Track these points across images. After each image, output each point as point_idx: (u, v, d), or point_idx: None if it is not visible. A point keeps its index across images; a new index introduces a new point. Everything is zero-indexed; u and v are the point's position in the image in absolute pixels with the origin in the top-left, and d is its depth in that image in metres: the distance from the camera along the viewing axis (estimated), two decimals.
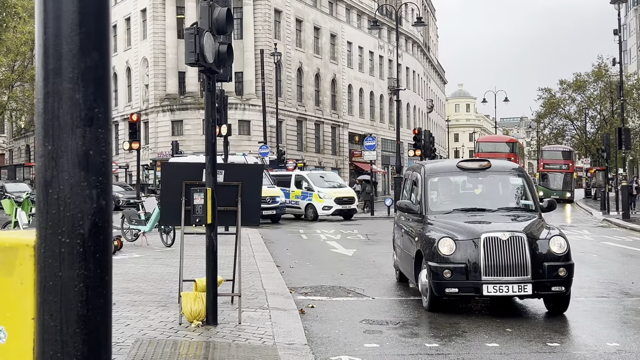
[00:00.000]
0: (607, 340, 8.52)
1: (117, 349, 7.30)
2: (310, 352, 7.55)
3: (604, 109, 67.62)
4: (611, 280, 13.48)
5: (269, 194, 28.18)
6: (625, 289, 12.43)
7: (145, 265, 14.59)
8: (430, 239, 9.92)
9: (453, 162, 12.17)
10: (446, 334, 8.69)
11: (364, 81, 74.99)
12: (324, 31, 67.12)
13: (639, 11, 65.46)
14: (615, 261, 16.89)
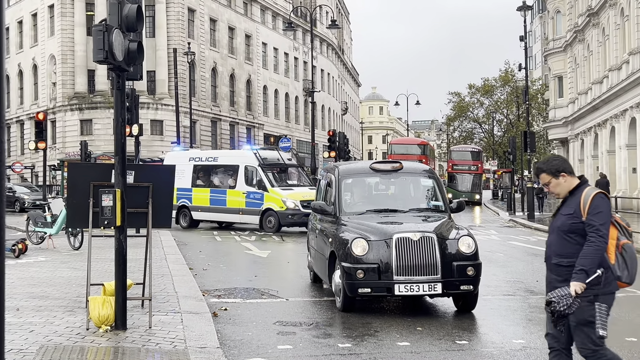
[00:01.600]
0: (513, 338, 8.75)
1: (20, 356, 7.07)
2: (222, 355, 7.48)
3: (510, 113, 69.81)
4: (517, 279, 13.85)
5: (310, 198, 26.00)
6: (530, 287, 12.80)
7: (52, 268, 14.16)
8: (344, 240, 9.98)
9: (366, 164, 12.29)
10: (359, 334, 8.75)
11: (279, 82, 75.05)
12: (239, 31, 66.86)
13: (543, 19, 67.74)
14: (520, 260, 17.38)
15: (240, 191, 25.77)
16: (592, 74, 48.69)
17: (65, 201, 10.64)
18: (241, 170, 26.03)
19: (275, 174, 26.28)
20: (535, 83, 69.68)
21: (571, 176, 5.41)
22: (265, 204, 24.95)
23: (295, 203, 24.21)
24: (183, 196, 26.95)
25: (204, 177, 27.61)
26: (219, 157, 28.86)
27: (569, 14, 56.24)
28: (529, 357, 7.74)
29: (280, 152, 28.64)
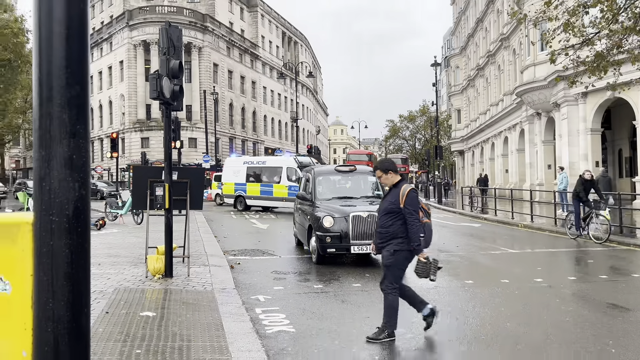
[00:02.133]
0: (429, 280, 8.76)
1: (101, 295, 6.96)
2: (237, 293, 7.43)
3: (426, 134, 70.08)
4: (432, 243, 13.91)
5: None
6: (440, 248, 12.84)
7: (122, 237, 13.97)
8: (318, 217, 9.97)
9: (332, 167, 12.27)
10: (327, 279, 8.74)
11: (274, 113, 74.73)
12: (247, 79, 66.44)
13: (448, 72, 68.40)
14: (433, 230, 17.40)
15: (284, 185, 23.82)
16: (479, 107, 49.13)
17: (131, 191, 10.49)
18: (284, 170, 24.06)
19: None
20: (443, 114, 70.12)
21: (395, 174, 5.54)
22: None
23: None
24: (239, 189, 25.77)
25: (255, 175, 25.61)
26: (267, 161, 26.89)
27: (464, 69, 56.72)
28: (438, 293, 7.77)
29: (312, 158, 26.61)
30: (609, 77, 15.67)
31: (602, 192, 19.87)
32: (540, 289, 7.99)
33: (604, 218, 13.33)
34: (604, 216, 13.34)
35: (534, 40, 25.14)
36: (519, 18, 17.01)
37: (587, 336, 5.64)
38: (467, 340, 5.47)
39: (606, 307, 6.82)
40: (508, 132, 38.81)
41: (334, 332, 5.76)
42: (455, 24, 62.95)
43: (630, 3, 13.77)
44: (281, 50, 79.72)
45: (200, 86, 55.24)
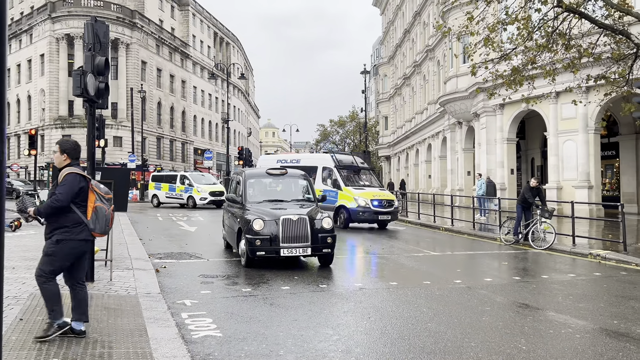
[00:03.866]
0: (355, 282, 8.93)
1: (15, 301, 6.53)
2: (162, 298, 7.20)
3: (355, 139, 71.30)
4: (359, 244, 14.15)
5: (385, 197, 18.61)
6: (367, 249, 13.07)
7: (40, 239, 13.05)
8: (248, 220, 9.86)
9: (263, 170, 12.18)
10: (256, 282, 8.66)
11: (205, 113, 73.29)
12: (177, 78, 64.75)
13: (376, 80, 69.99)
14: (360, 232, 17.71)
15: (318, 189, 18.15)
16: (405, 115, 50.58)
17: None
18: (319, 170, 19.71)
19: (350, 175, 19.57)
20: (371, 120, 71.73)
21: (68, 157, 5.28)
22: (339, 201, 18.55)
23: (366, 201, 17.98)
24: None
25: None
26: (301, 159, 21.70)
27: (392, 77, 58.21)
28: (364, 294, 7.93)
29: (355, 157, 21.18)
30: (523, 90, 16.63)
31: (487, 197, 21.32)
32: (460, 290, 8.32)
33: (548, 225, 13.61)
34: (549, 223, 13.64)
35: (457, 53, 26.25)
36: (444, 31, 17.70)
37: (501, 335, 5.92)
38: (390, 341, 5.59)
39: (518, 307, 7.21)
40: (431, 139, 40.24)
41: (261, 335, 5.71)
42: (384, 34, 64.55)
43: (544, 22, 14.69)
44: (212, 51, 78.41)
45: (128, 84, 53.30)
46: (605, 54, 15.78)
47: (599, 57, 15.47)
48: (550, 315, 6.76)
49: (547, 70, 15.26)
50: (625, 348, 5.41)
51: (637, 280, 9.20)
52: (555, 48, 14.84)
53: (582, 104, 19.97)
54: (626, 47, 14.58)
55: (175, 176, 31.15)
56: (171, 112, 63.35)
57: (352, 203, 18.03)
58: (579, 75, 15.98)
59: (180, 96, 65.75)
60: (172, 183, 30.51)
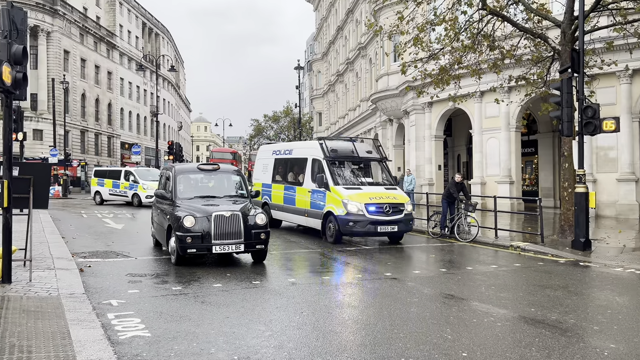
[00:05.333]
0: (288, 277, 8.96)
1: None
2: (87, 299, 6.91)
3: (290, 134, 71.34)
4: (293, 240, 14.12)
5: (389, 199, 13.30)
6: (301, 245, 13.12)
7: None
8: (178, 217, 9.63)
9: (195, 165, 11.92)
10: (187, 280, 8.49)
11: (133, 106, 70.65)
12: (103, 69, 61.97)
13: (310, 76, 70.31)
14: (295, 228, 17.74)
15: (307, 189, 14.49)
16: (338, 112, 51.16)
17: None
18: (309, 164, 14.67)
19: (346, 169, 14.33)
20: (305, 116, 71.98)
21: None
22: (326, 206, 13.46)
23: (358, 207, 12.80)
24: (265, 192, 16.69)
25: (281, 172, 16.50)
26: (294, 149, 16.38)
27: (326, 74, 58.69)
28: (297, 289, 7.97)
29: (355, 144, 14.99)
30: (450, 89, 17.28)
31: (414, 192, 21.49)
32: (390, 282, 8.55)
33: (473, 219, 14.17)
34: (473, 217, 14.21)
35: (388, 52, 26.83)
36: (375, 30, 18.09)
37: (428, 325, 6.15)
38: (322, 335, 5.66)
39: (445, 298, 7.51)
40: (364, 135, 40.98)
41: (192, 334, 5.62)
42: (317, 30, 64.89)
43: (469, 24, 15.33)
44: (141, 42, 75.73)
45: (49, 74, 50.36)
46: (525, 56, 16.67)
47: (520, 58, 16.34)
48: (474, 305, 7.08)
49: (472, 70, 15.93)
50: (541, 334, 5.77)
51: (552, 270, 9.82)
52: (480, 49, 15.53)
53: (504, 103, 21.02)
54: (544, 50, 15.48)
55: (119, 172, 28.91)
56: (96, 104, 60.61)
57: (340, 208, 12.93)
58: (501, 76, 16.81)
59: (107, 88, 63.03)
60: (116, 179, 28.50)
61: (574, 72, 12.15)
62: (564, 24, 13.56)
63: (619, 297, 7.64)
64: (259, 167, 17.92)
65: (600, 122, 12.02)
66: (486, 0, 14.59)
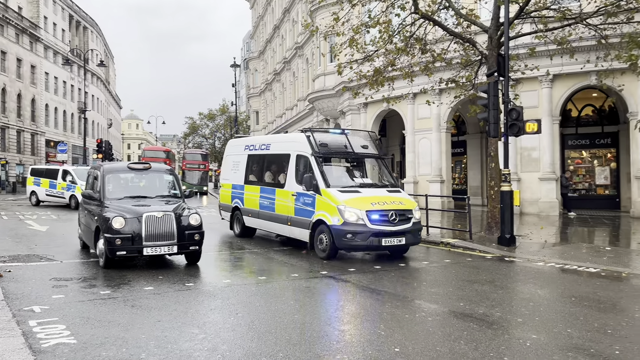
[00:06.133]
0: (223, 279, 8.84)
1: None
2: (6, 305, 6.51)
3: (226, 132, 70.37)
4: (227, 241, 13.90)
5: (396, 205, 10.78)
6: (235, 245, 12.98)
7: None
8: (107, 218, 9.27)
9: (125, 164, 11.51)
10: (116, 284, 8.18)
11: (59, 102, 67.12)
12: (25, 62, 58.46)
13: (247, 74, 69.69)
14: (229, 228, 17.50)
15: (290, 192, 11.91)
16: (276, 110, 51.03)
17: None
18: (292, 161, 12.05)
19: (340, 167, 12.08)
20: (242, 114, 71.33)
21: None
22: (316, 213, 10.95)
23: (358, 214, 10.30)
24: (236, 195, 14.43)
25: (257, 171, 13.88)
26: (272, 144, 13.77)
27: (263, 72, 58.36)
28: (232, 290, 7.88)
29: (350, 136, 12.22)
30: (385, 90, 17.64)
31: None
32: (325, 280, 8.61)
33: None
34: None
35: (324, 52, 27.04)
36: (311, 30, 18.17)
37: (362, 322, 6.25)
38: (257, 336, 5.61)
39: (378, 295, 7.65)
40: None
41: (121, 339, 5.41)
42: (254, 28, 64.39)
43: (403, 27, 15.71)
44: (68, 35, 72.18)
45: None
46: (455, 60, 17.28)
47: (450, 62, 16.92)
48: (406, 301, 7.27)
49: (405, 72, 16.34)
50: (469, 327, 6.01)
51: (480, 265, 10.24)
52: (413, 52, 15.96)
53: (435, 105, 21.70)
54: (473, 54, 16.12)
55: (56, 171, 26.89)
56: (18, 99, 57.12)
57: (334, 217, 10.43)
58: (433, 78, 17.37)
59: (30, 82, 59.55)
60: (53, 179, 26.52)
61: (500, 76, 12.72)
62: (491, 30, 14.17)
63: (541, 290, 8.08)
64: (228, 165, 15.54)
65: (524, 124, 12.67)
66: (418, 4, 15.01)
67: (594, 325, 6.04)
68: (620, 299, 7.53)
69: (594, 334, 5.73)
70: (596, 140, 23.34)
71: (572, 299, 7.46)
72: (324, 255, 10.69)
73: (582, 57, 17.23)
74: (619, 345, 5.34)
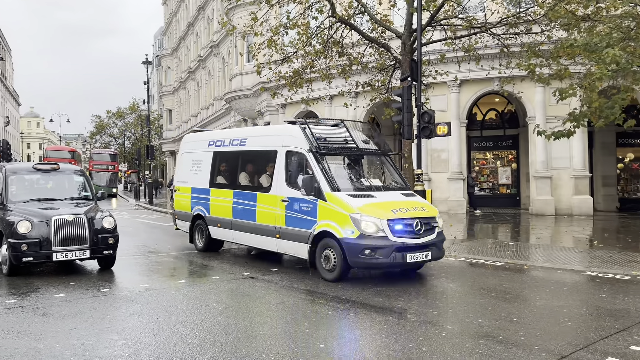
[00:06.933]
0: (140, 283, 8.55)
1: None
2: None
3: (136, 132, 67.70)
4: (143, 244, 13.54)
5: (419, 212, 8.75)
6: (152, 249, 12.64)
7: None
8: (11, 222, 8.66)
9: (30, 165, 10.78)
10: (23, 292, 7.68)
11: None
12: None
13: (159, 71, 67.39)
14: (144, 231, 17.02)
15: (278, 197, 9.66)
16: (190, 110, 49.84)
17: None
18: (280, 158, 9.81)
19: (342, 166, 9.75)
20: (154, 113, 68.85)
21: None
22: (319, 223, 8.74)
23: (378, 224, 8.21)
24: (199, 201, 11.96)
25: (227, 172, 11.54)
26: (249, 138, 11.28)
27: (176, 70, 56.79)
28: (151, 295, 7.66)
29: (350, 129, 10.07)
30: (303, 92, 17.87)
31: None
32: (248, 281, 8.60)
33: None
34: None
35: (241, 52, 26.83)
36: (228, 29, 17.99)
37: (287, 321, 6.33)
38: (180, 339, 5.53)
39: (301, 293, 7.77)
40: None
41: (33, 349, 5.12)
42: (166, 25, 62.48)
43: (321, 30, 16.00)
44: None
45: None
46: (371, 64, 17.84)
47: (366, 66, 17.46)
48: (330, 298, 7.43)
49: (323, 74, 16.64)
50: (389, 321, 6.28)
51: None
52: (331, 55, 16.30)
53: (352, 107, 22.26)
54: (388, 58, 16.74)
55: None
56: None
57: (346, 228, 8.33)
58: (350, 81, 17.81)
59: None
60: None
61: (413, 80, 13.32)
62: (404, 36, 14.80)
63: (452, 284, 8.58)
64: (185, 164, 12.75)
65: (435, 126, 13.35)
66: (335, 8, 15.35)
67: (501, 314, 6.53)
68: (523, 290, 8.17)
69: (501, 322, 6.20)
70: (499, 143, 25.03)
71: (481, 290, 8.00)
72: (332, 276, 8.46)
73: (487, 64, 18.42)
74: (524, 332, 5.83)
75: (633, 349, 5.25)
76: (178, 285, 8.41)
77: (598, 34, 12.56)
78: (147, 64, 37.78)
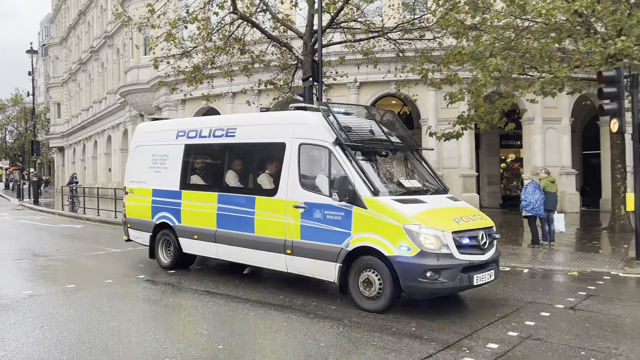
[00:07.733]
0: (23, 289, 7.94)
1: None
2: None
3: (20, 126, 62.39)
4: (26, 247, 12.58)
5: (479, 223, 6.95)
6: (37, 252, 11.77)
7: None
8: None
9: None
10: None
11: None
12: None
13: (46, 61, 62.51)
14: (28, 234, 15.80)
15: (288, 201, 7.36)
16: (81, 103, 46.97)
17: None
18: (291, 153, 7.51)
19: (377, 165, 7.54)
20: (40, 106, 63.87)
21: None
22: (354, 237, 6.68)
23: (441, 239, 6.34)
24: (164, 206, 9.40)
25: (207, 170, 9.15)
26: (239, 127, 8.53)
27: (66, 61, 53.20)
28: (35, 302, 7.14)
29: (377, 120, 8.15)
30: (204, 88, 17.48)
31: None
32: (144, 284, 8.29)
33: None
34: None
35: (138, 44, 25.70)
36: (124, 21, 17.17)
37: (184, 323, 6.19)
38: (68, 348, 5.21)
39: (200, 295, 7.62)
40: (111, 131, 38.41)
41: None
42: (55, 12, 58.24)
43: (222, 26, 15.75)
44: None
45: None
46: (273, 62, 17.87)
47: (269, 64, 17.46)
48: (229, 299, 7.36)
49: (225, 71, 16.42)
50: (288, 318, 6.35)
51: None
52: (232, 51, 16.12)
53: (255, 105, 22.16)
54: (290, 58, 16.86)
55: None
56: None
57: (399, 243, 6.43)
58: (252, 79, 17.72)
59: None
60: None
61: (314, 80, 13.53)
62: (306, 36, 14.99)
63: None
64: (141, 160, 10.17)
65: None
66: (237, 4, 15.19)
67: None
68: None
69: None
70: None
71: None
72: (376, 306, 6.58)
73: (384, 68, 19.15)
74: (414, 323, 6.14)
75: (510, 335, 5.75)
76: (66, 290, 7.90)
77: (483, 43, 13.56)
78: (32, 53, 35.14)
